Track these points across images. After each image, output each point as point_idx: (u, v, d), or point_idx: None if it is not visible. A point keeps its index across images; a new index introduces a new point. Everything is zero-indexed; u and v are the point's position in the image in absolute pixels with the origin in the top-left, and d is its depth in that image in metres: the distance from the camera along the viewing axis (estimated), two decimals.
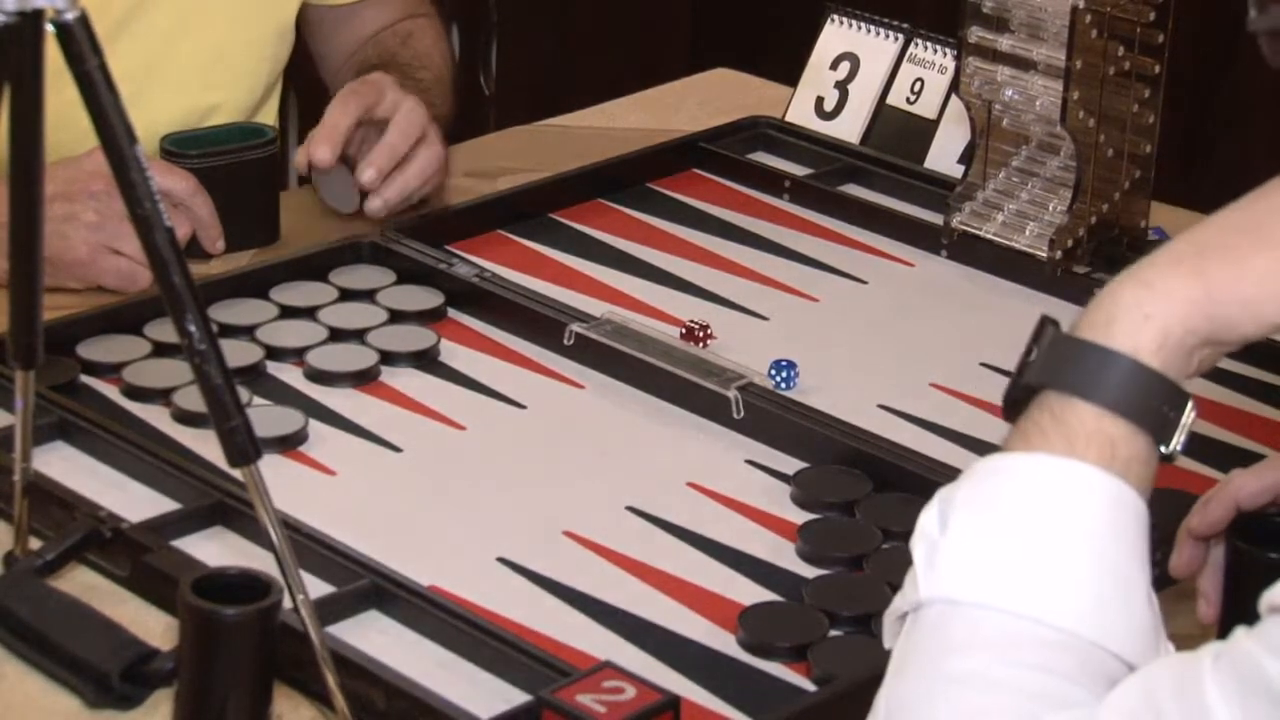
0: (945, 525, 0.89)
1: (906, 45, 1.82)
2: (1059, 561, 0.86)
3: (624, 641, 1.18)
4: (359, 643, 1.14)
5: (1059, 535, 0.86)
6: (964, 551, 0.88)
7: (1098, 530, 0.87)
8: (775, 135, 1.83)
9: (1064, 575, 0.86)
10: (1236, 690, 0.80)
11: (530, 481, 1.34)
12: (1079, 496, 0.87)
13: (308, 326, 1.50)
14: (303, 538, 1.21)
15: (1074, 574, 0.86)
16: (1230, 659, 0.81)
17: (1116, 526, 0.87)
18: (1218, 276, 0.90)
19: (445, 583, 1.22)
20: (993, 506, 0.88)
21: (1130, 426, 0.89)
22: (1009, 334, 1.54)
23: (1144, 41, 1.54)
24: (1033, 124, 1.60)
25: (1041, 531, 0.86)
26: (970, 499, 0.89)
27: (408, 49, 1.82)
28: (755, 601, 1.21)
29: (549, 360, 1.48)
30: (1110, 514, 0.87)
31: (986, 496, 0.89)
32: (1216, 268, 0.90)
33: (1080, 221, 1.58)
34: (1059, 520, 0.87)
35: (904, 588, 0.90)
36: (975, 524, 0.88)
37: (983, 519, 0.88)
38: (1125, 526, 0.87)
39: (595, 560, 1.26)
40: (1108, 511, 0.87)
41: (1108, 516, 0.87)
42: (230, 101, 1.76)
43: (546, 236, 1.67)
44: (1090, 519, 0.87)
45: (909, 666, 0.87)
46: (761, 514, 1.32)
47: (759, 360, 1.45)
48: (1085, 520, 0.87)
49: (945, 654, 0.86)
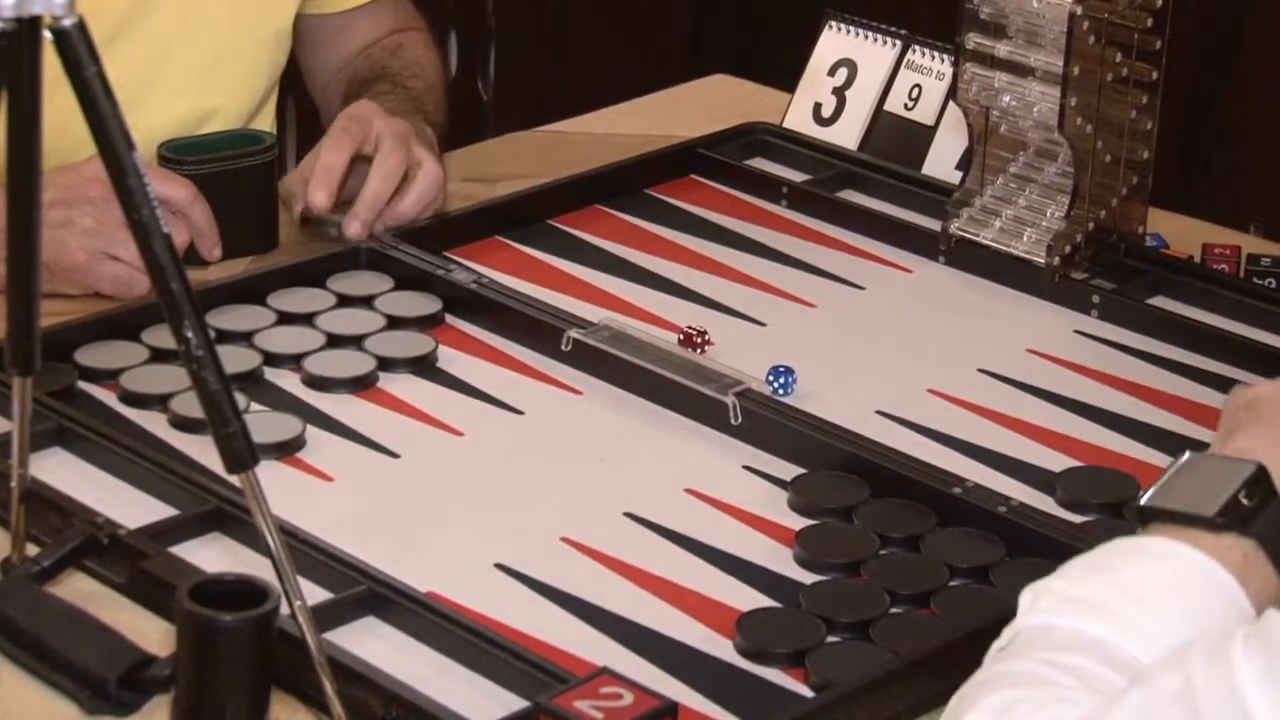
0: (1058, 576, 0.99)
1: (904, 51, 1.82)
2: (1149, 606, 0.95)
3: (622, 648, 1.18)
4: (357, 649, 1.14)
5: (1159, 593, 0.95)
6: (1066, 588, 0.97)
7: (1195, 599, 0.96)
8: (773, 141, 1.83)
9: (1148, 615, 0.95)
10: (1263, 661, 0.85)
11: (528, 487, 1.34)
12: (1197, 575, 0.97)
13: (305, 333, 1.50)
14: (300, 544, 1.21)
15: (1158, 618, 0.95)
16: (1258, 634, 0.86)
17: (1212, 602, 0.96)
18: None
19: (443, 589, 1.22)
20: (1108, 564, 0.98)
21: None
22: (1007, 340, 1.55)
23: (1141, 48, 1.55)
24: (1030, 130, 1.60)
25: (1142, 586, 0.95)
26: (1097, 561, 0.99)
27: (398, 60, 1.82)
28: (753, 607, 1.21)
29: (547, 366, 1.48)
30: (1210, 595, 0.96)
31: (1111, 556, 0.99)
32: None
33: (1078, 227, 1.59)
34: (1169, 584, 0.97)
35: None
36: (1083, 571, 0.98)
37: (1095, 567, 0.98)
38: (1220, 606, 0.96)
39: (593, 566, 1.26)
40: (1214, 594, 0.96)
41: (1208, 593, 0.96)
42: (228, 106, 1.76)
43: (544, 242, 1.67)
44: (1197, 596, 0.96)
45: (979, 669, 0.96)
46: (759, 520, 1.32)
47: (757, 366, 1.45)
48: (1192, 591, 0.96)
49: (1010, 656, 0.94)
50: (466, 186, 1.78)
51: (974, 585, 1.24)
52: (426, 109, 1.80)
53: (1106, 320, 1.56)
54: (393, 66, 1.84)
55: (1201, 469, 1.02)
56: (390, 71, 1.83)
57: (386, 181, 1.61)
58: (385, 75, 1.82)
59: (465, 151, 1.88)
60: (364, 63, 1.86)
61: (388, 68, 1.84)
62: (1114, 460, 1.39)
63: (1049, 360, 1.52)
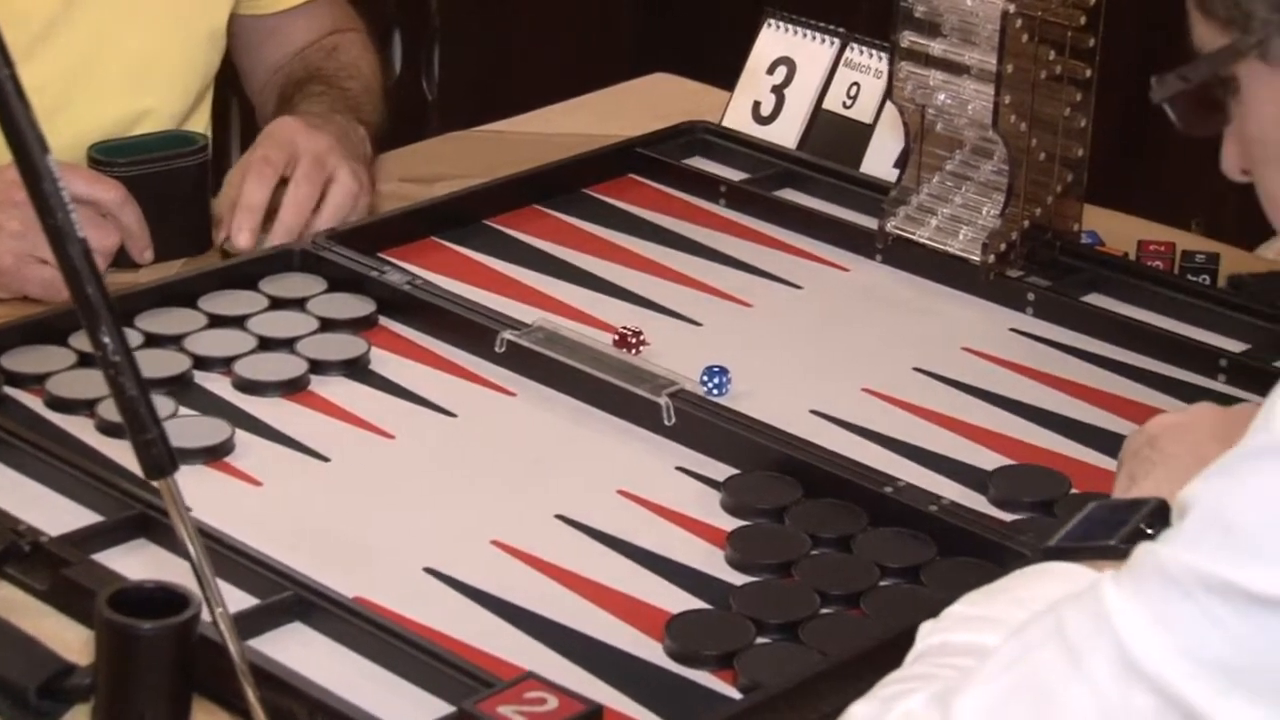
0: None
1: (843, 49, 1.81)
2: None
3: (550, 651, 1.18)
4: (282, 655, 1.13)
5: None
6: (964, 610, 1.02)
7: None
8: (712, 140, 1.83)
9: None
10: (1130, 581, 0.87)
11: (459, 491, 1.33)
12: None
13: (236, 336, 1.49)
14: (226, 550, 1.20)
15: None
16: (1127, 564, 0.88)
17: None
18: None
19: (371, 594, 1.21)
20: (1007, 586, 1.03)
21: None
22: (942, 339, 1.55)
23: (1075, 45, 1.55)
24: (965, 128, 1.60)
25: (1037, 601, 0.98)
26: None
27: (334, 61, 1.81)
28: (683, 609, 1.21)
29: (480, 368, 1.48)
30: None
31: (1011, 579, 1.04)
32: None
33: (1013, 225, 1.59)
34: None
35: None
36: (982, 594, 1.03)
37: (993, 590, 1.03)
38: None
39: (523, 569, 1.25)
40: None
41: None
42: (161, 107, 1.74)
43: (481, 243, 1.67)
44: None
45: None
46: (691, 521, 1.31)
47: (692, 366, 1.44)
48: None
49: (903, 669, 1.00)
50: (403, 187, 1.77)
51: (904, 585, 1.24)
52: (362, 110, 1.79)
53: (1041, 318, 1.56)
54: (328, 67, 1.83)
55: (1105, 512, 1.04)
56: (325, 73, 1.82)
57: (298, 213, 1.62)
58: (320, 76, 1.81)
59: (402, 151, 1.87)
60: (300, 64, 1.85)
61: (323, 69, 1.83)
62: (1047, 458, 1.39)
63: (984, 358, 1.52)
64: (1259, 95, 0.94)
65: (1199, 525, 0.85)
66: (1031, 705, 0.88)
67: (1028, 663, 0.89)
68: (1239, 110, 0.97)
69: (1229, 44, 0.94)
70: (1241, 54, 0.94)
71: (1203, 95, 0.98)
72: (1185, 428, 1.12)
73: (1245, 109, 0.96)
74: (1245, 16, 0.93)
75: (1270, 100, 0.94)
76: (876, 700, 0.95)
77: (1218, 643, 0.83)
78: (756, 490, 1.32)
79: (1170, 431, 1.13)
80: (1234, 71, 0.95)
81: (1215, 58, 0.95)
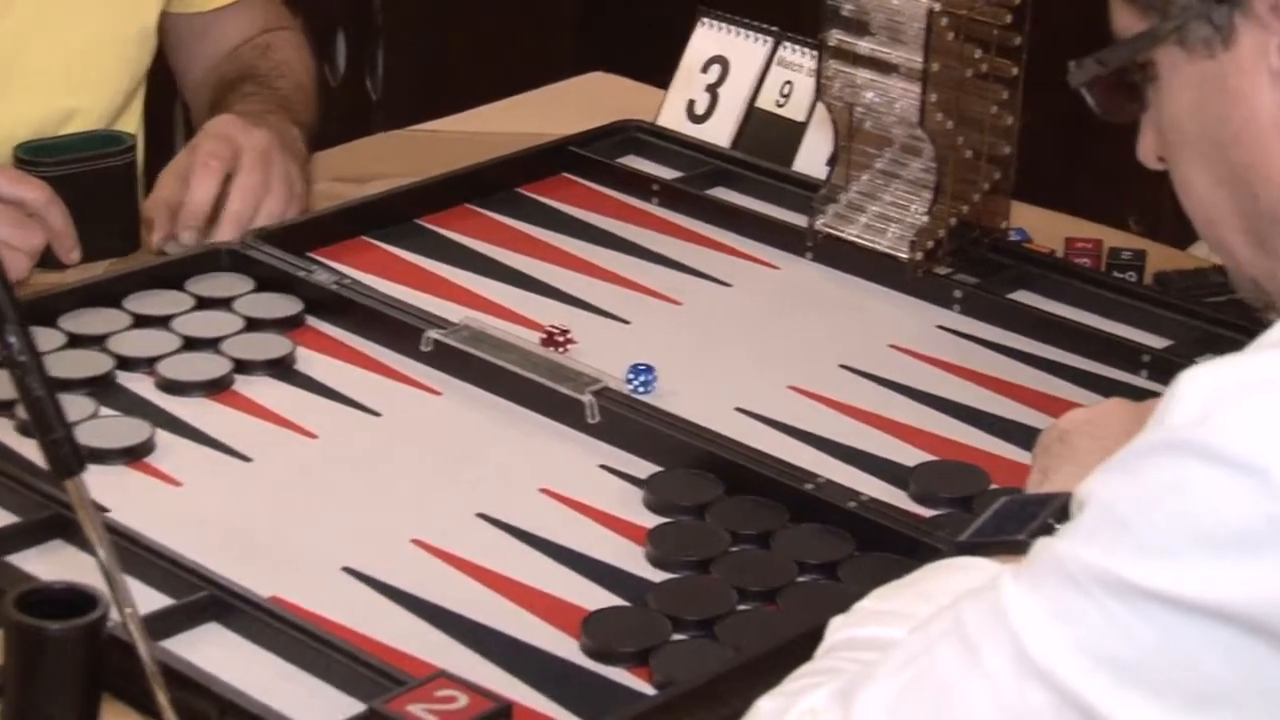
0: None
1: (776, 48, 1.82)
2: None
3: (467, 650, 1.18)
4: (196, 656, 1.13)
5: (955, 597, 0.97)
6: (871, 605, 1.03)
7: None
8: (646, 139, 1.83)
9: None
10: (1028, 576, 0.87)
11: (380, 490, 1.33)
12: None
13: (161, 336, 1.48)
14: (140, 550, 1.20)
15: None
16: (1026, 560, 0.89)
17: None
18: None
19: (288, 593, 1.21)
20: (913, 580, 1.04)
21: None
22: (870, 336, 1.55)
23: (1001, 44, 1.55)
24: (894, 126, 1.60)
25: (942, 594, 0.99)
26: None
27: (267, 60, 1.81)
28: (601, 607, 1.21)
29: (407, 367, 1.47)
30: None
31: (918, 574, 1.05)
32: None
33: (940, 223, 1.59)
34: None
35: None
36: (889, 589, 1.05)
37: (900, 585, 1.04)
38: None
39: (442, 568, 1.25)
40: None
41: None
42: (90, 106, 1.73)
43: (412, 242, 1.66)
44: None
45: None
46: (612, 519, 1.31)
47: (619, 365, 1.45)
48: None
49: (810, 663, 1.00)
50: (335, 186, 1.77)
51: (822, 581, 1.24)
52: (294, 109, 1.78)
53: (969, 315, 1.57)
54: (261, 67, 1.82)
55: (1015, 506, 1.05)
56: (258, 72, 1.81)
57: (247, 200, 1.61)
58: (253, 75, 1.80)
59: (336, 151, 1.86)
60: (232, 63, 1.84)
61: (256, 68, 1.82)
62: (969, 454, 1.39)
63: (910, 355, 1.52)
64: (1176, 82, 0.95)
65: (1095, 520, 0.86)
66: (931, 700, 0.88)
67: (928, 658, 0.89)
68: (1156, 97, 0.97)
69: (1147, 29, 0.94)
70: (1159, 40, 0.94)
71: (1120, 81, 0.98)
72: (1096, 423, 1.13)
73: (1162, 96, 0.96)
74: (1164, 2, 0.93)
75: (1187, 87, 0.94)
76: (781, 695, 0.96)
77: (1113, 638, 0.84)
78: (678, 488, 1.33)
79: (1081, 427, 1.13)
80: (1152, 58, 0.96)
81: (1133, 43, 0.96)
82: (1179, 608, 0.82)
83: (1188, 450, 0.83)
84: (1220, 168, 0.95)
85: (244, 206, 1.60)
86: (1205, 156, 0.95)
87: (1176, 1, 0.93)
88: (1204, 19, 0.92)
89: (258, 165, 1.62)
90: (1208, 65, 0.93)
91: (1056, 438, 1.14)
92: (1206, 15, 0.92)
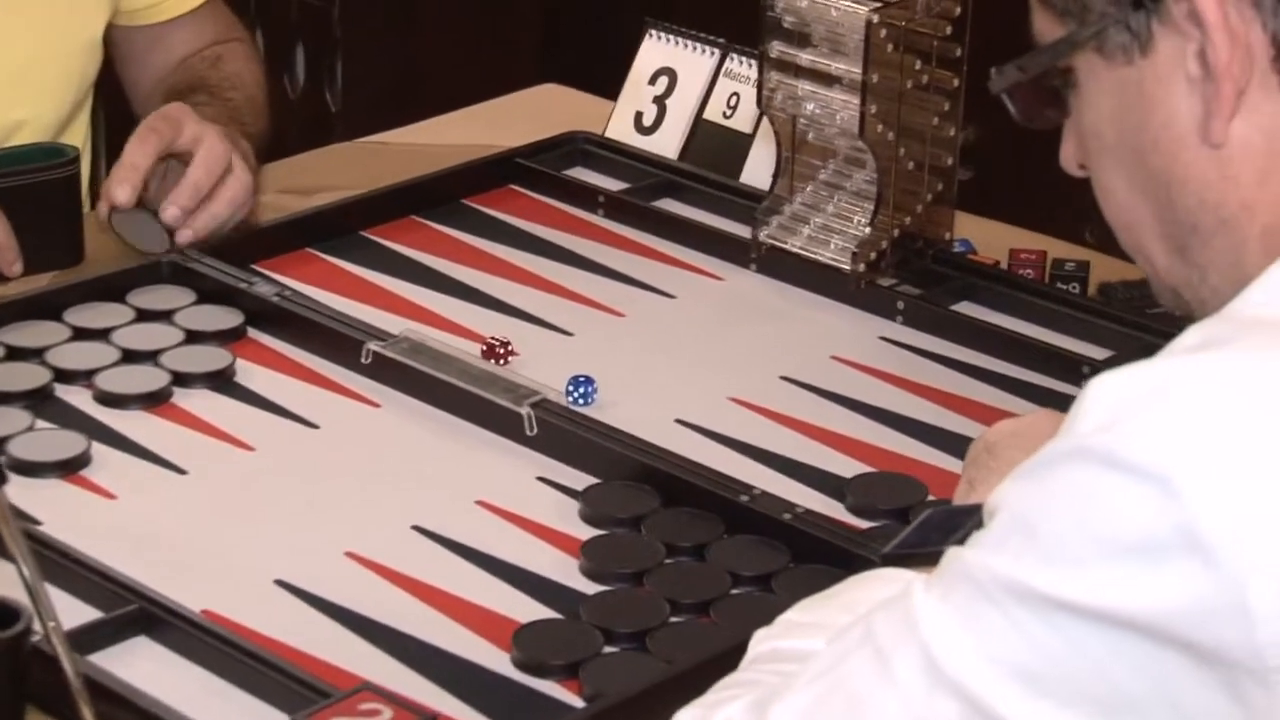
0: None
1: (723, 60, 1.82)
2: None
3: (397, 663, 1.17)
4: (125, 669, 1.13)
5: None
6: (794, 617, 1.04)
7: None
8: (594, 151, 1.83)
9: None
10: (939, 586, 0.87)
11: (315, 503, 1.33)
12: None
13: (100, 348, 1.48)
14: (70, 562, 1.20)
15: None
16: (937, 569, 0.89)
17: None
18: None
19: (220, 607, 1.21)
20: (836, 592, 1.05)
21: None
22: (812, 347, 1.55)
23: (942, 55, 1.56)
24: (836, 138, 1.61)
25: (861, 604, 0.99)
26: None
27: (216, 71, 1.81)
28: (533, 619, 1.21)
29: (346, 379, 1.47)
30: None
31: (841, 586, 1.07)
32: None
33: (882, 234, 1.59)
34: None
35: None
36: (813, 601, 1.05)
37: (823, 597, 1.05)
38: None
39: (375, 581, 1.25)
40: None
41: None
42: (35, 118, 1.73)
43: (355, 254, 1.66)
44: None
45: None
46: (548, 531, 1.31)
47: (560, 377, 1.44)
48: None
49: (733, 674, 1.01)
50: (281, 198, 1.77)
51: (756, 593, 1.24)
52: (243, 120, 1.78)
53: (911, 326, 1.57)
54: (211, 78, 1.82)
55: (941, 517, 1.05)
56: (208, 83, 1.81)
57: (209, 170, 1.61)
58: (203, 86, 1.80)
59: (284, 162, 1.86)
60: (182, 74, 1.84)
61: (206, 79, 1.82)
62: (908, 465, 1.39)
63: (852, 367, 1.52)
64: (1095, 88, 0.95)
65: (1003, 529, 0.86)
66: (843, 711, 0.88)
67: (841, 668, 0.89)
68: (1076, 103, 0.97)
69: (1065, 35, 0.94)
70: (1078, 46, 0.94)
71: (1041, 87, 0.98)
72: (1023, 434, 1.13)
73: (1082, 102, 0.96)
74: (1082, 8, 0.93)
75: (1106, 93, 0.94)
76: (700, 706, 0.96)
77: (1021, 648, 0.84)
78: (614, 500, 1.33)
79: (1008, 438, 1.13)
80: (1071, 64, 0.96)
81: (1052, 49, 0.96)
82: (1086, 617, 0.82)
83: (1093, 458, 0.83)
84: (1139, 174, 0.95)
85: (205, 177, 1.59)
86: (1124, 163, 0.95)
87: (1094, 8, 0.93)
88: (1122, 25, 0.92)
89: (223, 140, 1.62)
90: (1126, 72, 0.93)
91: (984, 449, 1.14)
92: (1124, 22, 0.92)
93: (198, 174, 1.60)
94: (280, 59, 3.00)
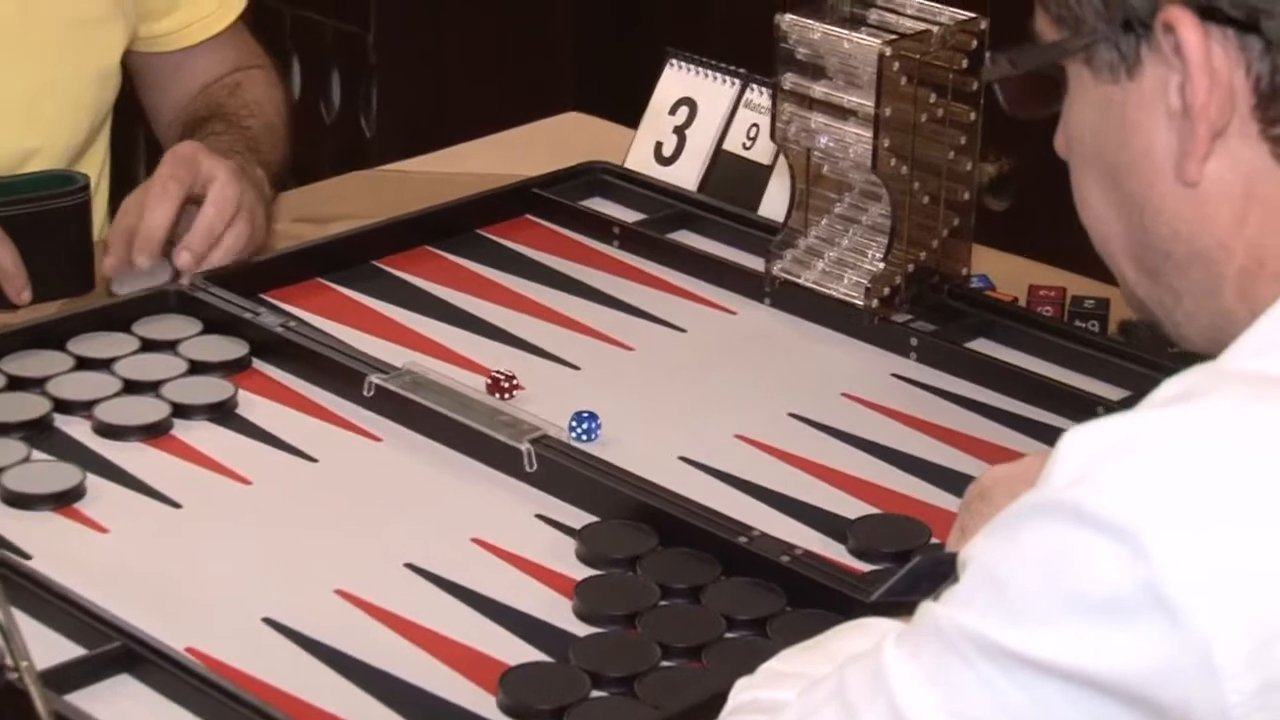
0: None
1: (743, 90, 1.80)
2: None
3: (381, 705, 1.16)
4: (104, 709, 1.12)
5: None
6: (776, 666, 1.03)
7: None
8: (612, 181, 1.81)
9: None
10: (909, 641, 0.85)
11: (308, 538, 1.31)
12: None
13: (101, 379, 1.47)
14: (53, 598, 1.18)
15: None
16: (909, 623, 0.87)
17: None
18: None
19: (206, 645, 1.19)
20: (819, 642, 1.04)
21: None
22: (822, 384, 1.53)
23: (958, 88, 1.53)
24: (851, 171, 1.58)
25: (844, 654, 0.96)
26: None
27: (235, 99, 1.80)
28: (523, 661, 1.19)
29: (348, 412, 1.46)
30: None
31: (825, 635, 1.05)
32: None
33: (897, 269, 1.57)
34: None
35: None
36: (796, 651, 1.05)
37: (806, 647, 1.04)
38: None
39: (364, 620, 1.23)
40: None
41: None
42: (50, 146, 1.73)
43: (367, 285, 1.65)
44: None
45: None
46: (543, 570, 1.29)
47: (565, 411, 1.42)
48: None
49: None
50: (295, 227, 1.76)
51: (750, 637, 1.22)
52: (261, 149, 1.77)
53: (924, 363, 1.54)
54: (229, 105, 1.82)
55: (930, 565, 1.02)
56: (227, 110, 1.81)
57: (220, 212, 1.60)
58: (221, 114, 1.80)
59: (301, 191, 1.85)
60: (202, 101, 1.84)
61: (224, 106, 1.82)
62: (914, 507, 1.36)
63: (862, 404, 1.50)
64: (1082, 98, 0.93)
65: (973, 584, 0.84)
66: None
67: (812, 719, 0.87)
68: (1067, 101, 0.95)
69: (1058, 41, 0.93)
70: (1068, 54, 0.92)
71: (1033, 79, 0.96)
72: (1016, 479, 1.10)
73: (1071, 103, 0.94)
74: (1075, 20, 0.91)
75: (1090, 106, 0.92)
76: None
77: (987, 704, 0.81)
78: (611, 539, 1.30)
79: (1002, 484, 1.11)
80: (1063, 65, 0.94)
81: (1044, 51, 0.94)
82: (1052, 674, 0.80)
83: (1062, 512, 0.80)
84: (1114, 193, 0.93)
85: (217, 219, 1.59)
86: (1103, 177, 0.93)
87: (1087, 21, 0.91)
88: (1112, 44, 0.90)
89: (233, 181, 1.61)
90: (1112, 90, 0.91)
91: (978, 494, 1.11)
92: (1114, 41, 0.90)
93: (210, 220, 1.59)
94: (316, 85, 3.00)
